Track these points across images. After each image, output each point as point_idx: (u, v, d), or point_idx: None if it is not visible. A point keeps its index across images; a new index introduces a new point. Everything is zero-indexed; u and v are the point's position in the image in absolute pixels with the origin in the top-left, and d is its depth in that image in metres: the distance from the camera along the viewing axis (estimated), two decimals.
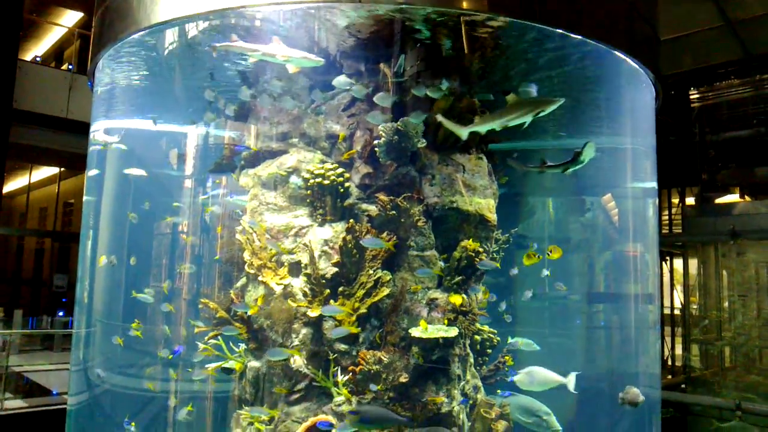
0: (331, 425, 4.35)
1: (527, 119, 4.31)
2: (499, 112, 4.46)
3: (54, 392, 10.92)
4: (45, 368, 12.73)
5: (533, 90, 4.69)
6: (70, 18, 20.22)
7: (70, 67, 16.97)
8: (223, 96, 5.76)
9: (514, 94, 4.37)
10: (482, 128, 4.63)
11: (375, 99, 4.83)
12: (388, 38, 4.91)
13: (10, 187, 23.61)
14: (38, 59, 20.17)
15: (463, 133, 4.69)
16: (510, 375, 5.39)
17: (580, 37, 4.62)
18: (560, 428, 4.77)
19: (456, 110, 4.97)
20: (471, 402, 5.14)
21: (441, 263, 5.04)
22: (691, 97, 14.04)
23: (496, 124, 4.48)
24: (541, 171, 4.96)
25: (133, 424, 5.11)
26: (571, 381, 4.20)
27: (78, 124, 13.82)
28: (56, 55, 22.84)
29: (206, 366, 5.07)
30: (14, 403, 9.64)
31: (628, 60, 5.19)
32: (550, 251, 5.05)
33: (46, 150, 16.24)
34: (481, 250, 5.04)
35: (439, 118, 4.78)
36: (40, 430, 9.01)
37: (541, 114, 4.32)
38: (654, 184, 6.37)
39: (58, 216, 20.01)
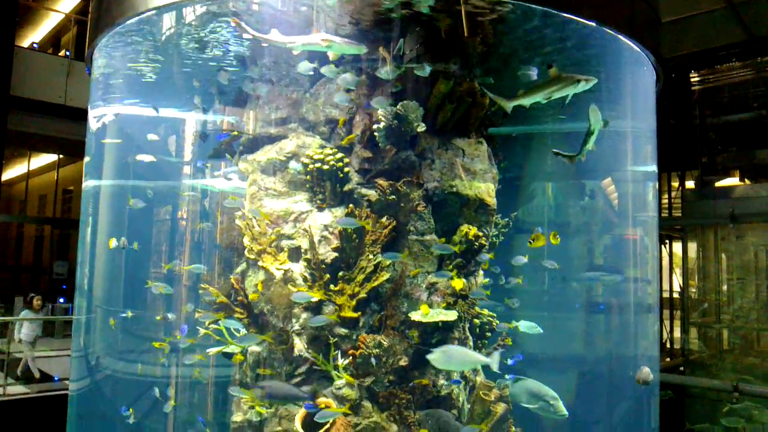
0: (314, 406, 4.37)
1: (569, 92, 4.29)
2: (542, 85, 4.42)
3: (56, 378, 10.98)
4: (46, 355, 12.79)
5: (534, 73, 4.66)
6: (66, 4, 20.04)
7: (68, 53, 16.87)
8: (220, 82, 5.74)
9: (556, 68, 4.34)
10: (527, 101, 4.58)
11: (338, 81, 4.80)
12: (387, 21, 4.88)
13: (9, 174, 23.56)
14: (35, 45, 20.03)
15: (508, 105, 4.64)
16: (514, 357, 5.40)
17: (581, 19, 4.60)
18: (566, 413, 4.78)
19: (456, 94, 4.95)
20: (470, 384, 5.18)
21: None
22: (692, 80, 13.97)
23: (540, 96, 4.44)
24: (580, 156, 4.86)
25: (131, 410, 5.13)
26: (494, 360, 4.18)
27: (76, 110, 13.76)
28: (53, 41, 22.68)
29: (208, 350, 5.09)
30: (16, 389, 9.70)
31: (629, 43, 5.16)
32: (533, 240, 5.04)
33: (45, 137, 16.17)
34: (480, 234, 5.04)
35: (489, 95, 4.68)
36: (42, 416, 9.07)
37: (580, 89, 4.30)
38: (654, 168, 6.36)
39: (57, 203, 19.99)
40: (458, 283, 4.88)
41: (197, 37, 5.30)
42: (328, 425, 4.19)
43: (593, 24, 4.74)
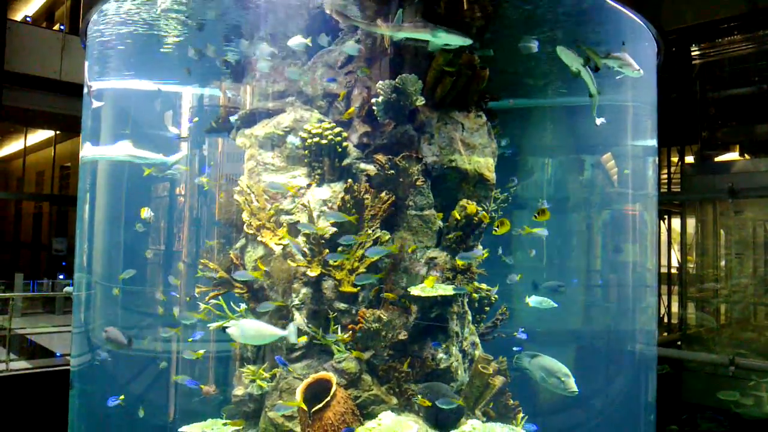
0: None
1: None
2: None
3: (57, 354, 11.05)
4: (47, 331, 12.86)
5: (535, 45, 4.60)
6: None
7: (62, 27, 16.65)
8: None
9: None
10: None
11: (289, 43, 4.77)
12: None
13: (5, 151, 23.45)
14: (29, 19, 19.75)
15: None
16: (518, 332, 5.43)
17: None
18: (577, 390, 4.80)
19: (455, 66, 4.89)
20: (469, 358, 5.21)
21: (440, 222, 5.04)
22: (693, 53, 13.82)
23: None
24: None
25: (121, 397, 5.15)
26: (291, 333, 4.24)
27: (72, 85, 13.64)
28: (47, 15, 22.38)
29: (208, 326, 5.11)
30: (19, 365, 9.77)
31: (630, 14, 5.10)
32: (538, 214, 5.02)
33: (41, 113, 16.05)
34: (479, 209, 5.02)
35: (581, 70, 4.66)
36: (44, 390, 9.16)
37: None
38: (654, 143, 6.33)
39: (55, 179, 19.91)
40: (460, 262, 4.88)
41: (193, 9, 5.23)
42: (328, 398, 4.22)
43: None
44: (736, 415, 10.95)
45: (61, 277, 16.51)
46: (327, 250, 4.78)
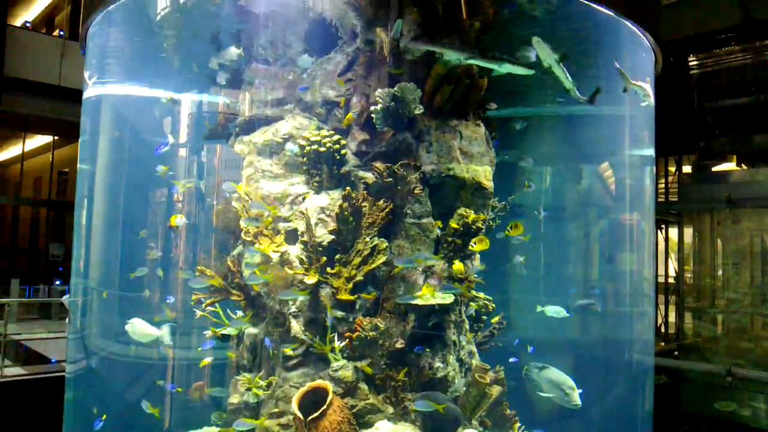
0: None
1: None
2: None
3: (53, 360, 11.01)
4: (43, 337, 12.81)
5: (532, 54, 4.61)
6: None
7: (62, 33, 16.68)
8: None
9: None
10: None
11: (223, 55, 4.83)
12: (384, 1, 4.83)
13: (3, 156, 23.44)
14: (28, 25, 19.79)
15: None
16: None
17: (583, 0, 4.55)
18: (580, 404, 4.80)
19: (454, 75, 4.90)
20: (466, 367, 5.19)
21: (437, 231, 5.04)
22: (690, 63, 13.90)
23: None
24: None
25: (104, 416, 5.12)
26: (164, 333, 4.29)
27: (71, 91, 13.65)
28: (47, 21, 22.43)
29: (204, 332, 5.09)
30: (14, 371, 9.73)
31: (629, 24, 5.12)
32: (511, 228, 5.02)
33: (40, 118, 16.07)
34: (478, 217, 5.02)
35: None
36: (39, 397, 9.11)
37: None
38: (652, 152, 6.35)
39: (52, 185, 19.90)
40: (459, 267, 4.88)
41: (192, 16, 5.24)
42: (324, 407, 4.20)
43: (593, 5, 4.70)
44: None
45: (58, 283, 16.46)
46: (324, 258, 4.78)
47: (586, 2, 4.61)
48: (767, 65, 13.18)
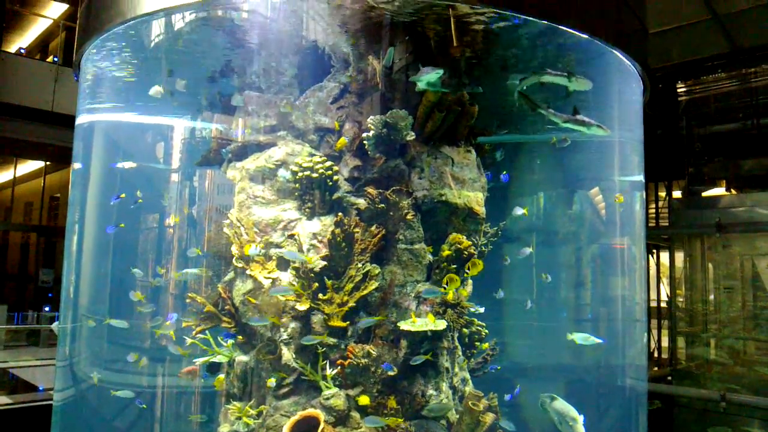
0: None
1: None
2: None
3: (40, 388, 10.83)
4: (31, 364, 12.61)
5: (521, 84, 4.68)
6: (55, 9, 19.94)
7: (55, 59, 16.76)
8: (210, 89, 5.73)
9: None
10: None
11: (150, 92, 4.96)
12: (376, 30, 4.89)
13: None
14: (22, 51, 19.89)
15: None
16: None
17: (568, 29, 4.63)
18: None
19: (445, 103, 4.96)
20: (459, 394, 5.16)
21: (430, 257, 5.04)
22: (678, 90, 14.11)
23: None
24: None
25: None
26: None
27: (64, 117, 13.68)
28: (41, 47, 22.54)
29: (194, 361, 5.04)
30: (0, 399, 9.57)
31: (617, 53, 5.20)
32: (469, 267, 5.02)
33: (32, 143, 16.05)
34: (469, 243, 5.03)
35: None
36: (26, 426, 8.94)
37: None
38: (642, 178, 6.40)
39: (43, 210, 19.80)
40: (451, 293, 4.87)
41: (186, 44, 5.29)
42: None
43: (582, 35, 4.77)
44: None
45: (47, 309, 16.28)
46: (316, 284, 4.76)
47: (574, 32, 4.68)
48: (754, 92, 13.40)
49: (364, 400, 4.55)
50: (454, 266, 4.96)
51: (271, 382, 4.63)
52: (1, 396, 9.83)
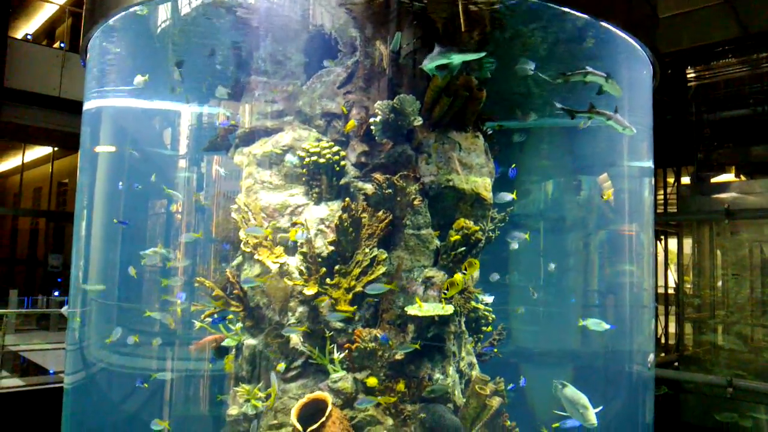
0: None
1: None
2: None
3: (51, 371, 10.96)
4: (41, 348, 12.76)
5: (531, 67, 4.65)
6: None
7: (62, 45, 16.75)
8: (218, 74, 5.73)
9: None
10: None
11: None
12: (383, 15, 4.86)
13: (3, 167, 23.47)
14: (29, 37, 19.88)
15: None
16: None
17: (579, 13, 4.58)
18: (595, 423, 4.79)
19: (453, 87, 4.93)
20: (466, 378, 5.18)
21: (437, 242, 5.04)
22: (688, 75, 13.96)
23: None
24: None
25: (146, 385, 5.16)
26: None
27: (71, 102, 13.70)
28: (48, 33, 22.53)
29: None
30: (11, 382, 9.69)
31: (627, 38, 5.15)
32: (466, 267, 5.01)
33: (39, 129, 16.09)
34: (477, 228, 5.03)
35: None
36: (37, 408, 9.07)
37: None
38: (650, 164, 6.37)
39: (52, 196, 19.90)
40: (459, 279, 4.87)
41: (192, 29, 5.27)
42: (323, 419, 4.19)
43: (591, 18, 4.73)
44: None
45: (56, 293, 16.43)
46: (324, 269, 4.78)
47: (585, 15, 4.64)
48: (764, 77, 13.25)
49: (372, 381, 4.57)
50: (462, 250, 4.96)
51: (281, 367, 4.67)
52: (13, 378, 9.96)
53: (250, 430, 4.65)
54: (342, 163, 4.97)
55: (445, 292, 4.83)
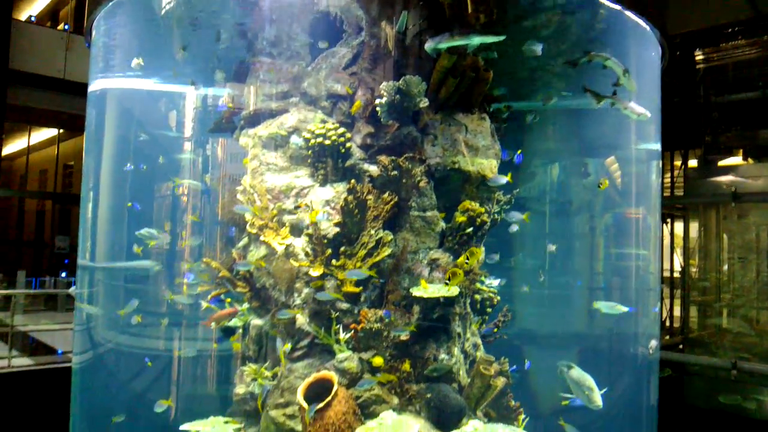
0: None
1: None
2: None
3: (59, 351, 11.09)
4: (49, 328, 12.90)
5: (539, 48, 4.60)
6: None
7: (66, 26, 16.71)
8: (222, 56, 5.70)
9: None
10: None
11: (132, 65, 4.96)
12: None
13: (9, 149, 23.52)
14: (33, 19, 19.82)
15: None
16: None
17: None
18: (600, 404, 4.82)
19: (459, 68, 4.90)
20: (470, 359, 5.21)
21: (442, 224, 5.04)
22: (697, 58, 13.82)
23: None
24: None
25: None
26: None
27: (76, 84, 13.70)
28: (52, 15, 22.46)
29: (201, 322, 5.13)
30: (21, 361, 9.82)
31: (635, 18, 5.10)
32: (468, 257, 4.99)
33: (45, 111, 16.12)
34: (482, 210, 5.03)
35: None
36: (46, 387, 9.19)
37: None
38: (658, 146, 6.33)
39: (58, 178, 19.98)
40: (460, 271, 4.87)
41: (197, 10, 5.25)
42: (329, 398, 4.22)
43: None
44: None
45: (63, 275, 16.56)
46: (329, 250, 4.79)
47: None
48: None
49: (377, 360, 4.60)
50: (468, 231, 4.96)
51: (287, 347, 4.70)
52: (23, 358, 10.09)
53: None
54: (347, 144, 4.96)
55: (447, 282, 4.83)
